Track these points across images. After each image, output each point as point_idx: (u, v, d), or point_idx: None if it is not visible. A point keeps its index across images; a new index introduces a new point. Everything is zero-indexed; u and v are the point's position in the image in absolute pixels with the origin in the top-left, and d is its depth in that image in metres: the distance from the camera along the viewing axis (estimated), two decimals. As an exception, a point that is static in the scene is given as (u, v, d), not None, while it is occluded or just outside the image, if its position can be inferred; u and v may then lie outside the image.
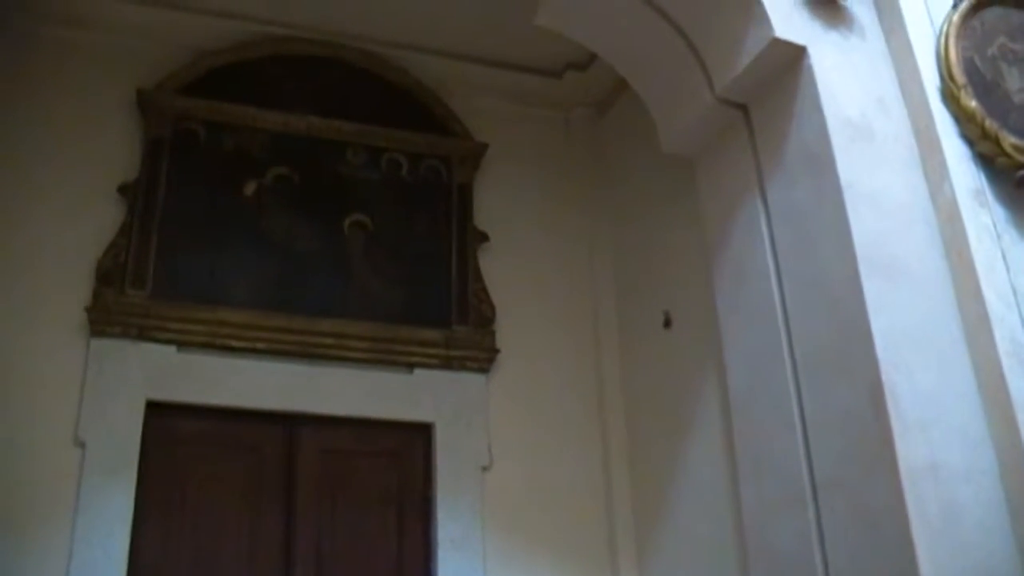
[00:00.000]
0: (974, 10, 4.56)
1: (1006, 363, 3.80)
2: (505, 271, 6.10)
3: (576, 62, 6.54)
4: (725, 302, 4.72)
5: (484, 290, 5.97)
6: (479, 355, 5.81)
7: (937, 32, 4.47)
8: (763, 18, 4.36)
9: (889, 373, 3.68)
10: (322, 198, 5.89)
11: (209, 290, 5.44)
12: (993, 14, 4.61)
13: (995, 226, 4.11)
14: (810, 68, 4.30)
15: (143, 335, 5.22)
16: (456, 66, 6.49)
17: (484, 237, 6.13)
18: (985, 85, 4.39)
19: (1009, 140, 4.24)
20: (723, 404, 4.82)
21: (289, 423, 5.41)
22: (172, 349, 5.27)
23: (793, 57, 4.37)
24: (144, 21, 5.92)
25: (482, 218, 6.18)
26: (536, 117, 6.69)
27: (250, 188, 5.76)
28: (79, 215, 5.39)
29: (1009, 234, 4.12)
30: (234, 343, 5.37)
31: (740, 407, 4.51)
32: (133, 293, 5.28)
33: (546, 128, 6.70)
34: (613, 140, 6.56)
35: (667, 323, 5.56)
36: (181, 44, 5.98)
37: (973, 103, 4.28)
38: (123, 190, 5.49)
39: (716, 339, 4.79)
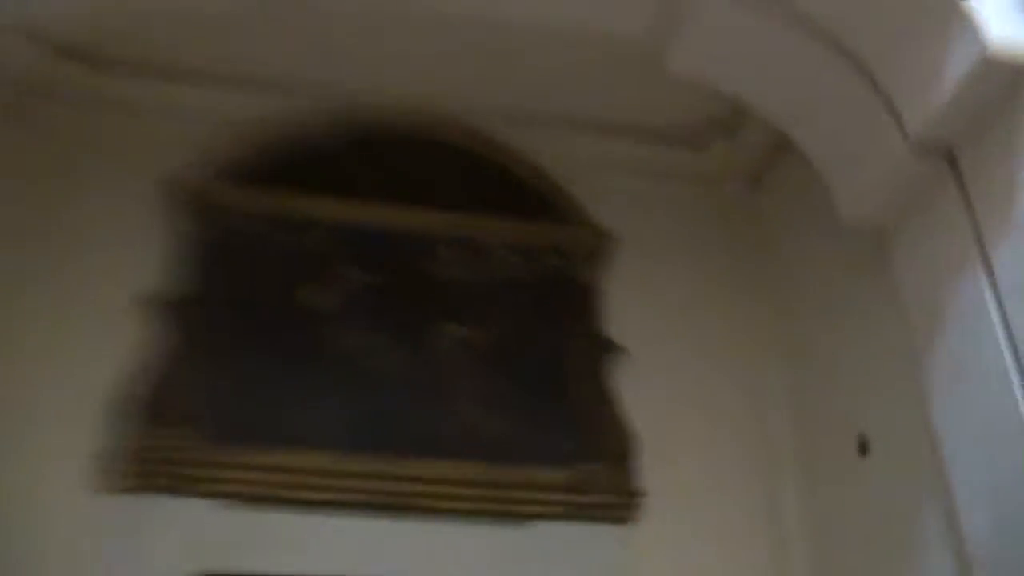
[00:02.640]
0: None
1: None
2: (648, 391, 5.27)
3: (722, 123, 5.84)
4: (946, 415, 3.94)
5: (621, 416, 5.14)
6: (616, 500, 4.94)
7: None
8: (971, 30, 3.61)
9: None
10: (409, 306, 5.24)
11: (268, 428, 4.76)
12: None
13: None
14: (1039, 90, 3.53)
15: (185, 489, 4.54)
16: (573, 139, 5.86)
17: (619, 349, 5.34)
18: None
19: None
20: (951, 553, 3.97)
21: (375, 598, 4.63)
22: (221, 505, 4.56)
23: (1014, 78, 3.60)
24: (185, 102, 5.49)
25: (615, 326, 5.42)
26: (677, 197, 5.97)
27: (317, 297, 5.15)
28: (104, 335, 4.79)
29: None
30: (302, 495, 4.62)
31: (986, 561, 3.62)
32: (171, 433, 4.62)
33: (690, 209, 5.96)
34: (774, 218, 5.85)
35: (863, 449, 4.72)
36: (225, 126, 5.51)
37: None
38: (158, 303, 4.89)
39: (935, 467, 3.99)
